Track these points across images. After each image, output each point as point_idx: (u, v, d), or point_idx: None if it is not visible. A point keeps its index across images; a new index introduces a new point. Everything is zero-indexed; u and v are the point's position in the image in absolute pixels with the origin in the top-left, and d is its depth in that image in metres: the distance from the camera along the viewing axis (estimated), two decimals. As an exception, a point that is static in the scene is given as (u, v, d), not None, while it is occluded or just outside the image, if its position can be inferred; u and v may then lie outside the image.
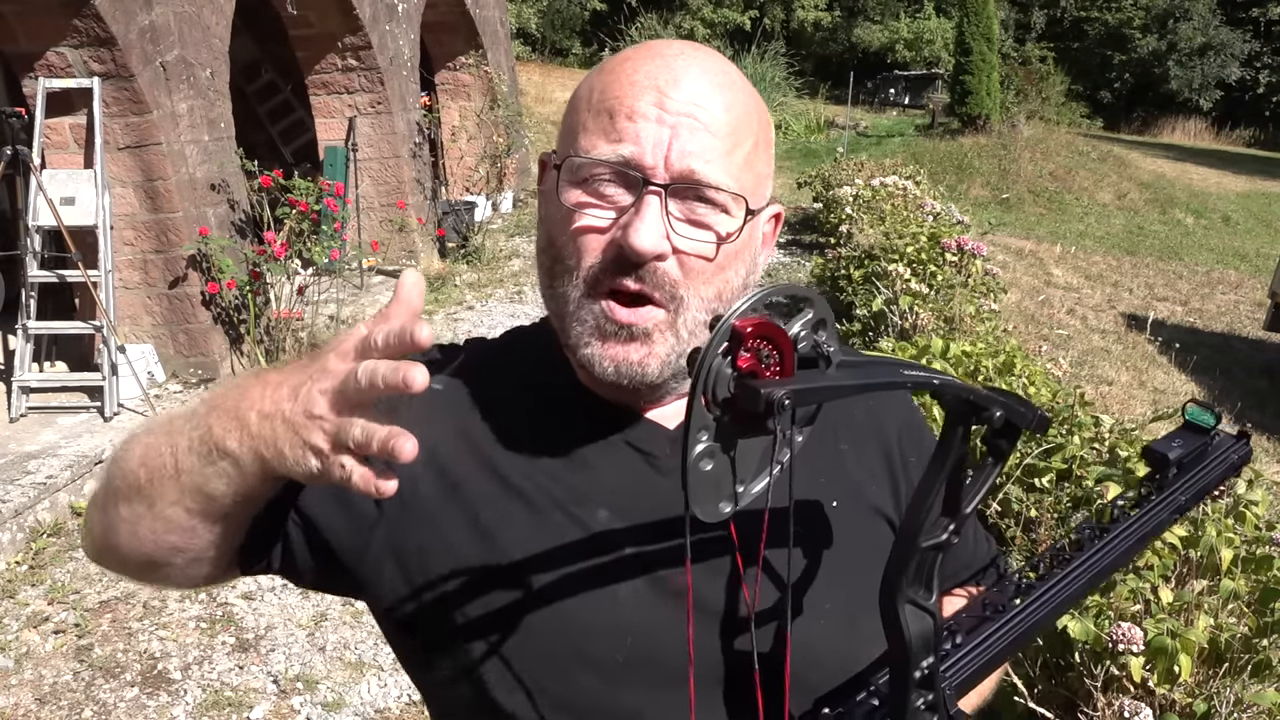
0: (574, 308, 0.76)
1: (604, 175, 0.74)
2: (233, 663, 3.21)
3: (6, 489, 3.94)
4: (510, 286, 8.14)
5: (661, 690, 0.76)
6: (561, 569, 0.76)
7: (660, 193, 0.72)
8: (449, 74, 10.26)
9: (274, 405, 0.64)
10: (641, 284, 0.74)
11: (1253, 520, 2.13)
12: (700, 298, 0.76)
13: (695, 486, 0.53)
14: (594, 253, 0.75)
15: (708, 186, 0.74)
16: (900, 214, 6.84)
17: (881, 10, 31.96)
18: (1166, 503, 0.79)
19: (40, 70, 4.80)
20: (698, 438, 0.52)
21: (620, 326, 0.75)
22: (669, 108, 0.73)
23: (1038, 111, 19.94)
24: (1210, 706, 1.78)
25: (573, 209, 0.75)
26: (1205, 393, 7.08)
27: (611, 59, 0.79)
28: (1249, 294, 11.04)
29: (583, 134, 0.75)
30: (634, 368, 0.76)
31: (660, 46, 0.78)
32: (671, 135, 0.73)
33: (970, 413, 0.60)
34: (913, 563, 0.61)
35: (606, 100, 0.75)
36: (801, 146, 18.22)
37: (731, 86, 0.77)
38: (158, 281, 5.25)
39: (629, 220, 0.73)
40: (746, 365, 0.52)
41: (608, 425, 0.82)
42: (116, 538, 0.78)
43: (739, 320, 0.52)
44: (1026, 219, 14.51)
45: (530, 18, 24.57)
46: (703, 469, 0.53)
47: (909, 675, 0.62)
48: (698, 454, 0.52)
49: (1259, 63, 31.46)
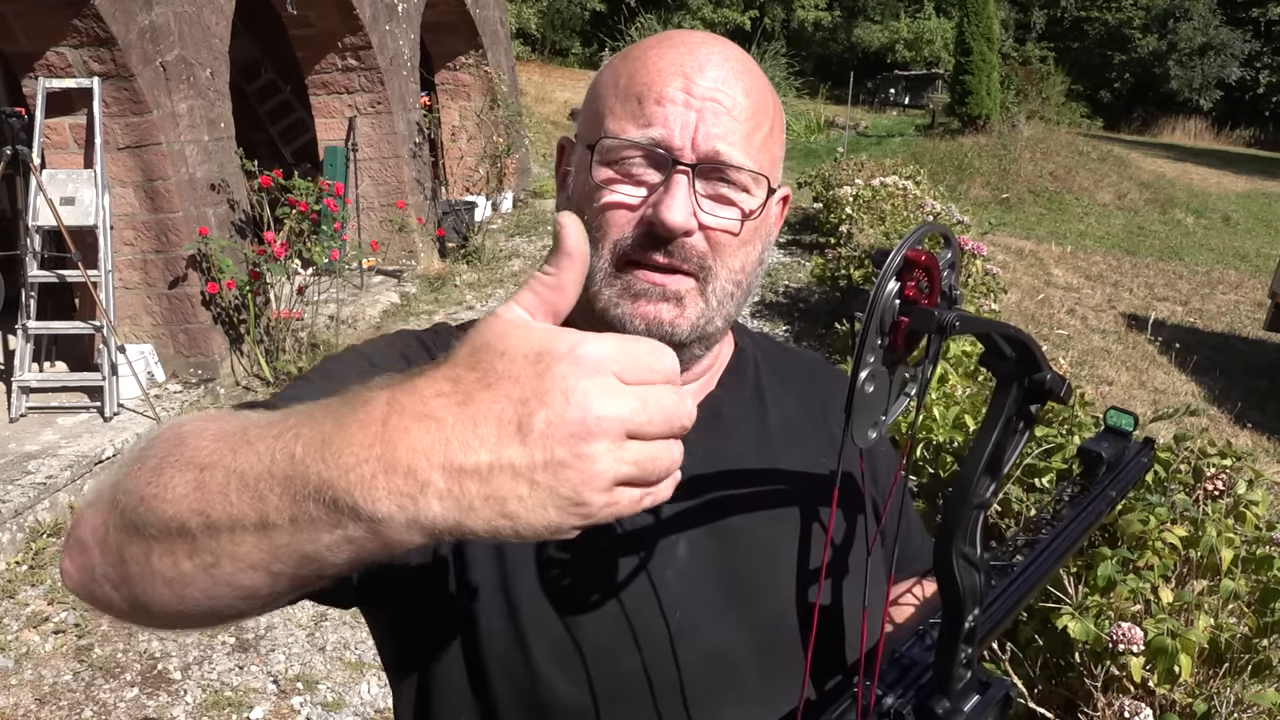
0: (602, 276, 0.79)
1: (634, 156, 0.77)
2: (233, 663, 3.21)
3: (6, 489, 3.94)
4: (510, 286, 8.14)
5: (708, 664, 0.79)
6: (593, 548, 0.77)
7: (688, 172, 0.76)
8: (449, 74, 10.26)
9: (501, 453, 0.45)
10: (670, 258, 0.77)
11: (1253, 520, 2.12)
12: (728, 268, 0.80)
13: (858, 409, 0.55)
14: (623, 227, 0.78)
15: (732, 166, 0.77)
16: (900, 214, 6.84)
17: (881, 10, 31.97)
18: (1101, 496, 0.86)
19: (40, 70, 4.79)
20: (866, 359, 0.54)
21: (653, 286, 0.78)
22: (695, 92, 0.76)
23: (1038, 111, 19.94)
24: (1210, 706, 1.78)
25: (602, 185, 0.78)
26: (1205, 393, 7.09)
27: (635, 47, 0.82)
28: (1249, 294, 11.05)
29: (610, 118, 0.78)
30: (664, 326, 0.78)
31: (683, 35, 0.81)
32: (698, 118, 0.76)
33: (1021, 374, 0.63)
34: (963, 520, 0.63)
35: (635, 86, 0.78)
36: (801, 146, 18.22)
37: (750, 73, 0.80)
38: (158, 281, 5.25)
39: (659, 198, 0.76)
40: (911, 294, 0.55)
41: None
42: (145, 593, 0.54)
43: (911, 251, 0.55)
44: (1026, 219, 14.51)
45: (530, 18, 24.58)
46: (866, 390, 0.55)
47: (961, 626, 0.64)
48: (864, 376, 0.54)
49: (1259, 63, 31.46)
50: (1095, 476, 0.87)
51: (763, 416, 0.91)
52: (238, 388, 5.48)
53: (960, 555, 0.63)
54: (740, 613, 0.81)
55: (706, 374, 0.90)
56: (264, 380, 5.58)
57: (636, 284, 0.78)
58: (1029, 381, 0.64)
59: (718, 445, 0.86)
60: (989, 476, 0.64)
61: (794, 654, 0.82)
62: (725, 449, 0.86)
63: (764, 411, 0.91)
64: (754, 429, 0.89)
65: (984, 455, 0.63)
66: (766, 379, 0.94)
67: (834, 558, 0.86)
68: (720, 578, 0.81)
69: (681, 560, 0.80)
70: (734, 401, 0.90)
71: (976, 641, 0.66)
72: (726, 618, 0.80)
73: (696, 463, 0.83)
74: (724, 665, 0.79)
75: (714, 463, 0.85)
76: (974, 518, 0.64)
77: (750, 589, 0.82)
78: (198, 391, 5.23)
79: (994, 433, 0.63)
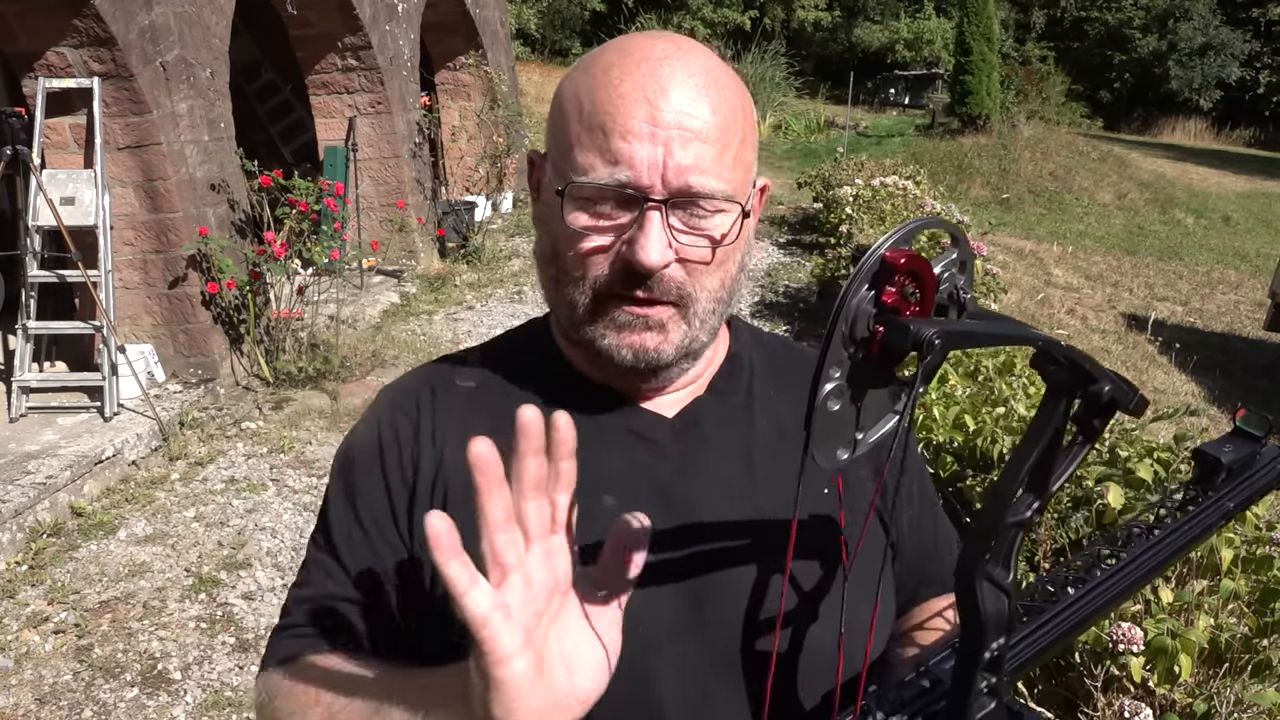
0: (584, 311, 0.80)
1: (604, 195, 0.77)
2: (233, 663, 3.21)
3: (6, 489, 3.94)
4: (510, 286, 8.14)
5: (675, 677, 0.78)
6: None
7: (660, 208, 0.75)
8: (449, 74, 10.26)
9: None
10: (649, 292, 0.78)
11: (1253, 520, 2.12)
12: (706, 290, 0.80)
13: (819, 428, 0.50)
14: (601, 265, 0.78)
15: (703, 197, 0.76)
16: (900, 214, 6.84)
17: (881, 10, 31.97)
18: (1215, 507, 0.79)
19: (40, 70, 4.79)
20: (830, 373, 0.49)
21: (635, 318, 0.79)
22: (660, 121, 0.74)
23: (1038, 111, 19.93)
24: (1210, 706, 1.78)
25: (577, 230, 0.78)
26: (1205, 392, 7.08)
27: (594, 61, 0.79)
28: (1249, 294, 11.05)
29: (578, 150, 0.77)
30: (650, 353, 0.80)
31: (644, 49, 0.78)
32: (665, 152, 0.74)
33: (1077, 385, 0.57)
34: (995, 539, 0.58)
35: (598, 115, 0.76)
36: (801, 146, 18.23)
37: (716, 84, 0.78)
38: (158, 281, 5.25)
39: (633, 236, 0.76)
40: (890, 301, 0.49)
41: (608, 414, 0.85)
42: None
43: (889, 252, 0.49)
44: (1026, 219, 14.51)
45: (530, 18, 24.58)
46: (829, 409, 0.50)
47: (980, 655, 0.59)
48: (827, 392, 0.50)
49: (1259, 63, 31.46)
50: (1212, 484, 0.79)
51: (749, 422, 0.89)
52: (238, 388, 5.48)
53: (987, 577, 0.58)
54: (705, 629, 0.80)
55: (694, 382, 0.89)
56: (264, 380, 5.58)
57: (620, 316, 0.79)
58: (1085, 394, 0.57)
59: (693, 453, 0.85)
60: (1031, 493, 0.58)
61: (762, 680, 0.79)
62: (701, 457, 0.85)
63: (751, 417, 0.89)
64: (737, 436, 0.88)
65: (1024, 469, 0.57)
66: (760, 383, 0.92)
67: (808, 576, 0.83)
68: (685, 593, 0.80)
69: (645, 573, 0.79)
70: (718, 408, 0.88)
71: (1005, 669, 0.61)
72: (691, 634, 0.79)
73: (668, 471, 0.83)
74: (690, 682, 0.79)
75: (687, 471, 0.84)
76: (1012, 537, 0.59)
77: (715, 606, 0.80)
78: (198, 391, 5.23)
79: (1037, 446, 0.56)
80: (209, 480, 4.50)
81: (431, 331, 6.92)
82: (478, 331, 6.93)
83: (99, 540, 3.93)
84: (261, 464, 4.66)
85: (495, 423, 0.82)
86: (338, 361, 5.75)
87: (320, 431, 5.04)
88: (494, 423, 0.82)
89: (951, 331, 0.48)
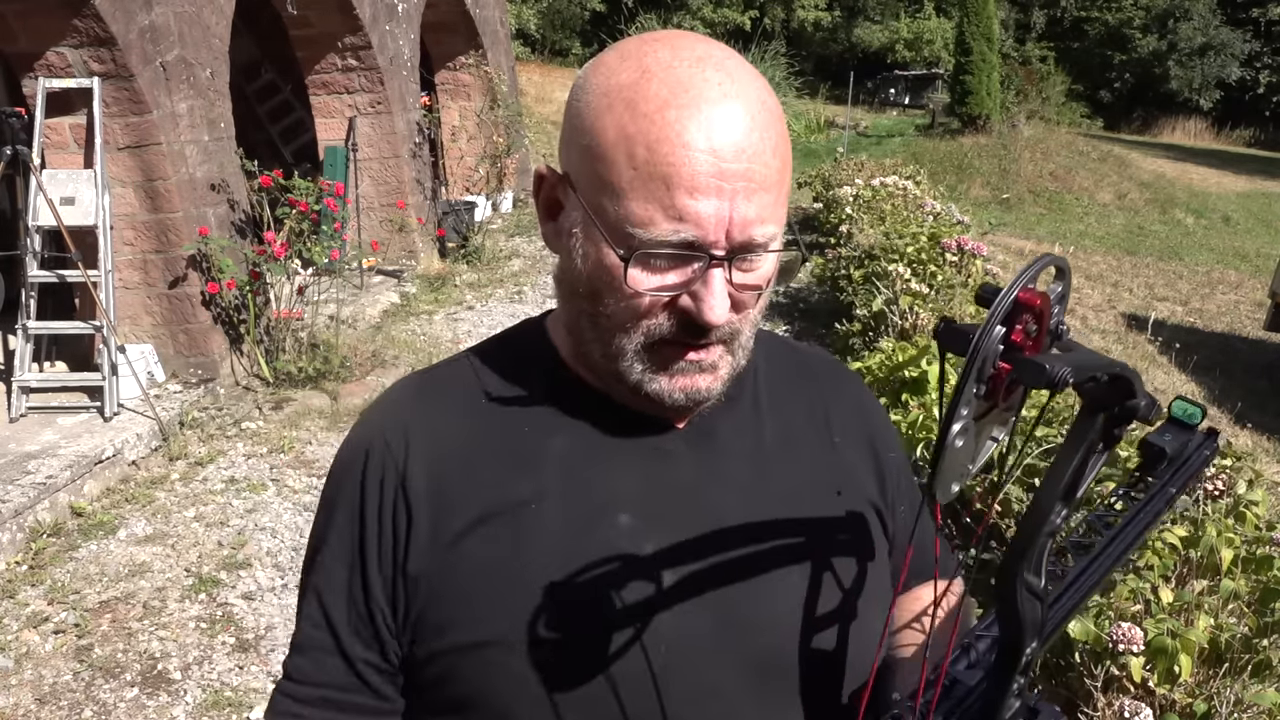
0: (633, 353, 0.77)
1: (666, 252, 0.72)
2: (233, 663, 3.21)
3: (6, 489, 3.94)
4: (510, 286, 8.14)
5: (700, 701, 0.77)
6: (584, 580, 0.77)
7: (724, 265, 0.72)
8: (449, 74, 10.26)
9: None
10: (707, 338, 0.76)
11: (1253, 520, 2.12)
12: (750, 323, 0.79)
13: (947, 466, 0.51)
14: (657, 319, 0.75)
15: (764, 248, 0.74)
16: (900, 214, 6.84)
17: (881, 10, 31.97)
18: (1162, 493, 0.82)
19: (40, 70, 4.79)
20: (960, 413, 0.50)
21: (689, 363, 0.77)
22: (727, 175, 0.70)
23: (1038, 111, 19.95)
24: (1210, 706, 1.78)
25: (639, 293, 0.74)
26: (1205, 393, 7.09)
27: (639, 93, 0.71)
28: (1249, 294, 11.05)
29: (633, 200, 0.71)
30: (703, 393, 0.79)
31: (698, 85, 0.71)
32: (730, 207, 0.71)
33: (1113, 401, 0.57)
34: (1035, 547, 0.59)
35: (657, 163, 0.70)
36: (801, 146, 18.22)
37: (771, 119, 0.73)
38: (158, 281, 5.25)
39: (699, 292, 0.73)
40: (1018, 339, 0.51)
41: (614, 425, 0.82)
42: None
43: (1024, 293, 0.50)
44: (1026, 219, 14.52)
45: (530, 18, 24.57)
46: (955, 445, 0.51)
47: (1018, 660, 0.61)
48: (956, 430, 0.50)
49: (1259, 63, 31.47)
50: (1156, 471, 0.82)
51: (758, 429, 0.88)
52: (238, 388, 5.48)
53: (1025, 585, 0.59)
54: (734, 647, 0.78)
55: None
56: (264, 380, 5.58)
57: (675, 362, 0.77)
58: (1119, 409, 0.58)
59: (710, 462, 0.83)
60: (1063, 502, 0.59)
61: (793, 688, 0.79)
62: (720, 467, 0.83)
63: (759, 422, 0.88)
64: (749, 444, 0.87)
65: (1060, 484, 0.58)
66: (766, 386, 0.91)
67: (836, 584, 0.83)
68: (712, 610, 0.78)
69: (668, 593, 0.78)
70: (727, 414, 0.86)
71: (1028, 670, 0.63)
72: (718, 653, 0.77)
73: (686, 484, 0.81)
74: (716, 703, 0.77)
75: (707, 483, 0.82)
76: (1043, 545, 0.60)
77: (745, 620, 0.79)
78: (198, 392, 5.23)
79: (1074, 459, 0.57)
80: (209, 480, 4.50)
81: (431, 331, 6.92)
82: (478, 331, 6.93)
83: (99, 540, 3.93)
84: (261, 464, 4.66)
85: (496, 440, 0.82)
86: (338, 361, 5.75)
87: (320, 431, 5.04)
88: (495, 441, 0.82)
89: (1077, 367, 0.49)
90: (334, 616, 0.81)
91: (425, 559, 0.78)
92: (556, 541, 0.78)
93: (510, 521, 0.78)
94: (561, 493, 0.79)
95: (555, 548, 0.77)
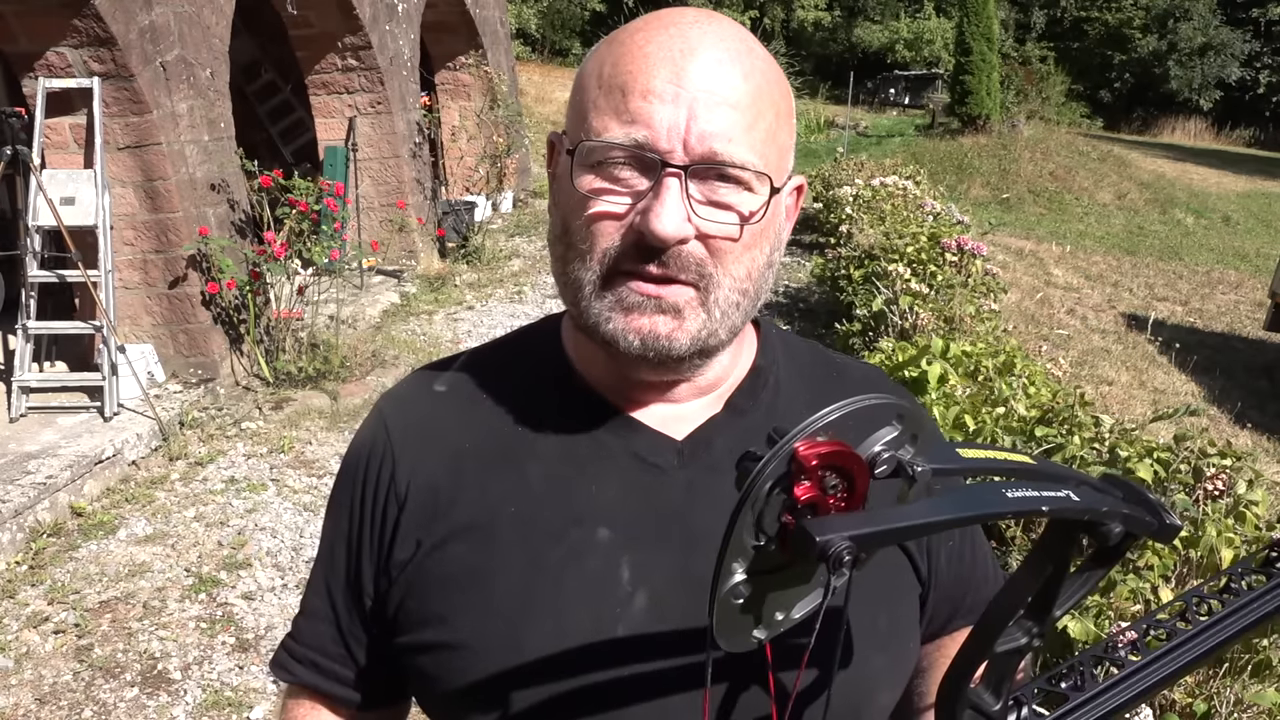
0: (590, 289, 0.72)
1: (618, 158, 0.69)
2: (233, 663, 3.21)
3: (6, 489, 3.94)
4: (510, 286, 8.14)
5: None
6: (542, 593, 0.74)
7: (680, 175, 0.68)
8: (449, 74, 10.26)
9: None
10: (665, 268, 0.70)
11: (1253, 520, 2.12)
12: (731, 276, 0.72)
13: (722, 620, 0.47)
14: (611, 237, 0.70)
15: (730, 166, 0.69)
16: (900, 214, 6.84)
17: (881, 10, 31.99)
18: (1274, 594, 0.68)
19: (40, 70, 4.80)
20: (731, 568, 0.45)
21: (647, 298, 0.71)
22: (685, 83, 0.68)
23: (1038, 111, 19.97)
24: (1210, 706, 1.78)
25: (587, 195, 0.70)
26: (1205, 393, 7.09)
27: (623, 29, 0.74)
28: (1249, 294, 11.05)
29: (594, 113, 0.70)
30: (661, 340, 0.72)
31: (673, 15, 0.71)
32: (689, 115, 0.67)
33: (1078, 529, 0.51)
34: (983, 665, 0.54)
35: (618, 76, 0.69)
36: (802, 146, 18.19)
37: (751, 53, 0.71)
38: (158, 281, 5.25)
39: (648, 205, 0.68)
40: (806, 496, 0.44)
41: (609, 432, 0.78)
42: None
43: (803, 444, 0.43)
44: (1026, 219, 14.52)
45: (530, 18, 24.59)
46: (733, 603, 0.46)
47: None
48: (729, 588, 0.46)
49: (1259, 63, 31.48)
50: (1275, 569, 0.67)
51: None
52: (238, 388, 5.48)
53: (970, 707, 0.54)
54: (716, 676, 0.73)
55: (710, 394, 0.81)
56: (264, 380, 5.58)
57: (629, 296, 0.71)
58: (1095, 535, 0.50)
59: (700, 481, 0.77)
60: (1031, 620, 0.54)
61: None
62: (712, 484, 0.75)
63: None
64: None
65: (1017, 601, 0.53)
66: (785, 400, 0.83)
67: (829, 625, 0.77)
68: (684, 635, 0.72)
69: (637, 614, 0.73)
70: (733, 430, 0.79)
71: None
72: (686, 680, 0.72)
73: (672, 502, 0.76)
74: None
75: (695, 499, 0.76)
76: (1003, 663, 0.55)
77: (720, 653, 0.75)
78: (198, 391, 5.23)
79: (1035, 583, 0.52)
80: (209, 480, 4.50)
81: (431, 331, 6.93)
82: (478, 331, 6.93)
83: (99, 540, 3.93)
84: (261, 464, 4.66)
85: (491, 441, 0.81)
86: (338, 361, 5.75)
87: (320, 431, 5.04)
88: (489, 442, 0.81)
89: (867, 535, 0.42)
90: (334, 590, 0.86)
91: (409, 556, 0.78)
92: (523, 551, 0.75)
93: (489, 526, 0.77)
94: (540, 499, 0.77)
95: (522, 557, 0.75)
